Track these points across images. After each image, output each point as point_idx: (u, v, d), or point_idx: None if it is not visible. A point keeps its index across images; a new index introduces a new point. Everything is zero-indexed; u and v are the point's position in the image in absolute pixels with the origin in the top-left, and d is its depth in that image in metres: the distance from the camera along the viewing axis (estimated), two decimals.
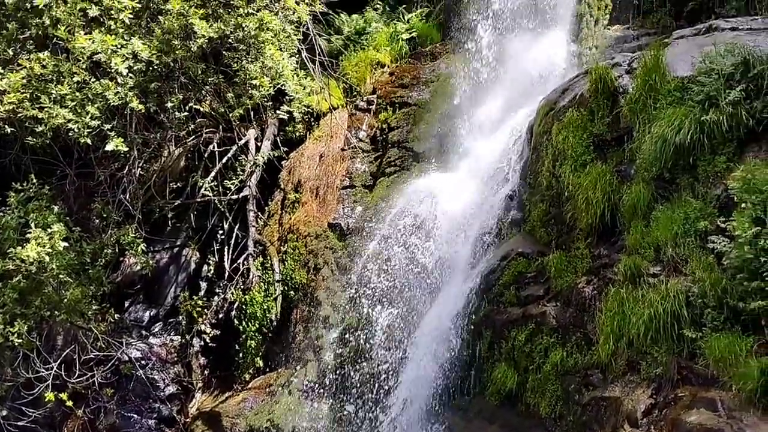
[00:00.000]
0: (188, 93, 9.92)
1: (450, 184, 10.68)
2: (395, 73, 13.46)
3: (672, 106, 6.69)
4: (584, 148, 7.70)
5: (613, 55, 9.03)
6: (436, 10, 14.35)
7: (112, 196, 10.29)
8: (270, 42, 9.36)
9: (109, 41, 7.60)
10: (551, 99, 8.67)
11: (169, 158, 11.52)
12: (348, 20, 14.45)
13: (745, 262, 5.34)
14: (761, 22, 7.16)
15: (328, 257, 11.11)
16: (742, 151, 6.13)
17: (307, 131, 13.03)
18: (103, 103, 8.06)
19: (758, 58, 6.20)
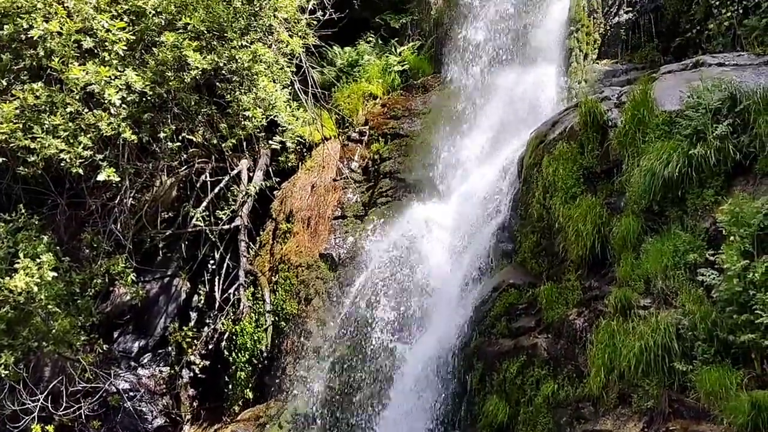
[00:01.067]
0: (181, 123, 9.96)
1: (441, 215, 10.72)
2: (387, 105, 13.58)
3: (660, 139, 6.75)
4: (574, 180, 7.74)
5: (603, 88, 9.13)
6: (427, 43, 14.54)
7: (102, 225, 10.26)
8: (263, 74, 9.46)
9: (103, 72, 7.64)
10: (541, 131, 8.74)
11: (161, 188, 11.51)
12: (341, 53, 14.60)
13: (734, 295, 5.36)
14: (747, 58, 7.27)
15: (319, 288, 11.08)
16: (729, 184, 6.19)
17: (299, 162, 13.08)
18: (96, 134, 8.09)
19: (744, 93, 6.29)
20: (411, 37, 14.89)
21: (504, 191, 9.56)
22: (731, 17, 8.50)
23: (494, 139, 11.35)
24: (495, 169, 10.24)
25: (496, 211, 9.68)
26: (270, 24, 9.62)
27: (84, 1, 7.60)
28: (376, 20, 15.23)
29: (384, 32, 15.10)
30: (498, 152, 10.77)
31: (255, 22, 9.49)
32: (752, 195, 5.81)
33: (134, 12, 8.36)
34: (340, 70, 14.40)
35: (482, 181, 10.48)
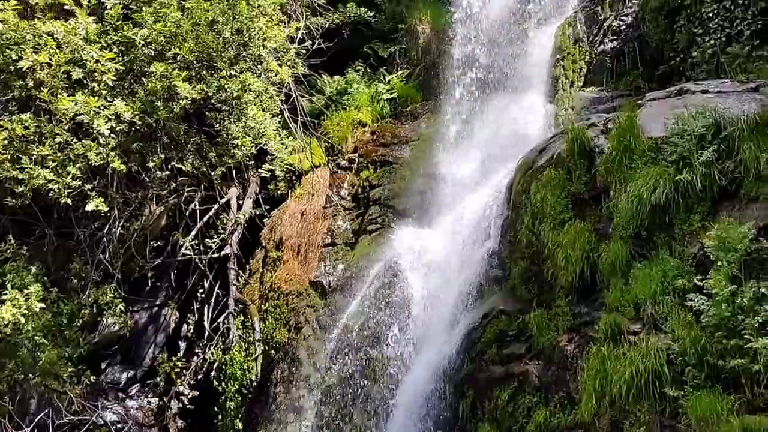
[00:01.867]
0: (170, 152, 9.97)
1: (431, 241, 10.72)
2: (376, 133, 13.66)
3: (647, 165, 6.81)
4: (562, 206, 7.78)
5: (589, 115, 9.24)
6: (416, 71, 14.68)
7: (91, 255, 10.20)
8: (252, 103, 9.52)
9: (92, 103, 7.66)
10: (529, 158, 8.80)
11: (150, 217, 11.48)
12: (330, 81, 14.72)
13: (723, 320, 5.38)
14: (730, 85, 7.36)
15: (309, 316, 11.03)
16: (716, 209, 6.24)
17: (289, 189, 13.08)
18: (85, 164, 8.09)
19: (728, 120, 6.37)
20: (399, 66, 15.04)
21: (493, 218, 9.59)
22: (714, 45, 8.64)
23: (483, 166, 11.41)
24: (484, 196, 10.27)
25: (485, 237, 9.69)
26: (259, 54, 9.69)
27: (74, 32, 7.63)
28: (365, 49, 15.39)
29: (373, 61, 15.26)
30: (487, 179, 10.81)
31: (244, 52, 9.56)
32: (738, 220, 5.85)
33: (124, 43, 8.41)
34: (329, 98, 14.50)
35: (471, 207, 10.50)
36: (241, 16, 9.18)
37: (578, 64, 11.09)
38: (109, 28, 8.27)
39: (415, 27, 15.00)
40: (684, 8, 9.16)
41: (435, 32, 14.75)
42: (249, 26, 9.34)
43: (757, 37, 8.22)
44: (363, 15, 15.06)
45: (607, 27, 10.93)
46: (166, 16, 8.51)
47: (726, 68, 8.38)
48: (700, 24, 8.87)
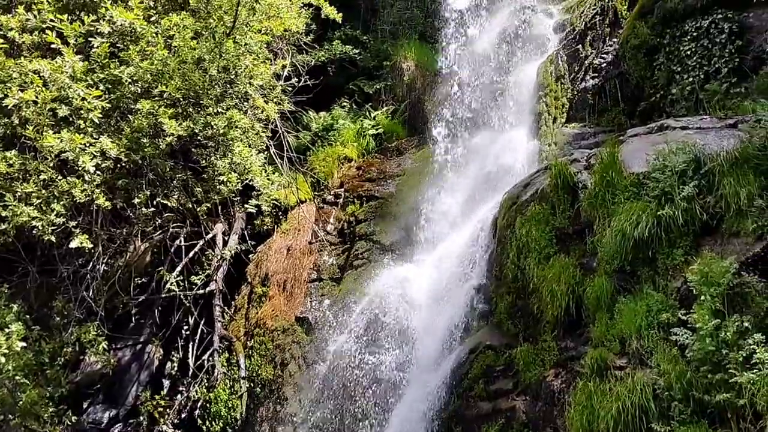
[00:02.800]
0: (156, 189, 9.95)
1: (417, 276, 10.74)
2: (362, 168, 13.75)
3: (629, 200, 6.89)
4: (547, 241, 7.83)
5: (572, 151, 9.34)
6: (401, 107, 14.85)
7: (74, 293, 10.08)
8: (238, 139, 9.54)
9: (78, 140, 7.64)
10: (514, 193, 8.88)
11: (135, 253, 11.41)
12: (316, 117, 14.85)
13: (707, 355, 5.40)
14: (710, 122, 7.49)
15: (295, 352, 10.94)
16: (698, 244, 6.30)
17: (275, 225, 13.08)
18: (69, 201, 8.03)
19: (708, 156, 6.47)
20: (385, 102, 15.21)
21: (479, 252, 9.63)
22: (693, 82, 8.81)
23: (468, 201, 11.50)
24: (469, 231, 10.33)
25: (471, 272, 9.72)
26: (246, 91, 9.75)
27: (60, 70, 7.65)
28: (351, 86, 15.59)
29: (358, 97, 15.43)
30: (472, 213, 10.89)
31: (231, 89, 9.62)
32: (720, 254, 5.92)
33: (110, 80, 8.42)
34: (315, 134, 14.61)
35: (457, 242, 10.55)
36: (228, 55, 9.26)
37: (560, 100, 11.26)
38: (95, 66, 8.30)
39: (400, 64, 15.22)
40: (663, 46, 9.35)
41: (420, 69, 14.97)
42: (235, 64, 9.42)
43: (735, 75, 8.41)
44: (349, 53, 15.30)
45: (588, 64, 11.13)
46: (153, 55, 8.56)
47: (705, 105, 8.53)
48: (678, 62, 9.06)
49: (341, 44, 15.39)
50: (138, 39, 8.66)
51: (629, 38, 9.95)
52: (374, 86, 15.42)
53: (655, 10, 9.54)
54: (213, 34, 9.42)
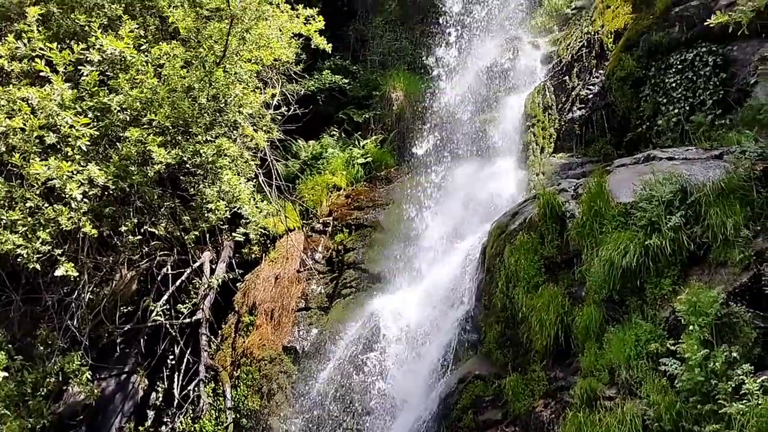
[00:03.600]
0: (143, 216, 9.89)
1: (406, 305, 10.68)
2: (351, 196, 13.76)
3: (617, 230, 6.91)
4: (536, 270, 7.83)
5: (560, 181, 9.39)
6: (390, 136, 14.93)
7: (58, 321, 9.96)
8: (227, 167, 9.52)
9: (65, 167, 7.60)
10: (502, 222, 8.89)
11: (121, 282, 11.31)
12: (305, 146, 14.90)
13: (696, 385, 5.38)
14: (695, 153, 7.57)
15: (282, 382, 10.82)
16: (686, 273, 6.31)
17: (263, 253, 13.04)
18: (55, 228, 7.95)
19: (695, 186, 6.52)
20: (374, 131, 15.30)
21: (467, 281, 9.61)
22: (678, 114, 8.91)
23: (457, 229, 11.52)
24: (458, 260, 10.32)
25: (460, 301, 9.70)
26: (235, 119, 9.77)
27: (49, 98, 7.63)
28: (340, 115, 15.69)
29: (347, 126, 15.52)
30: (461, 242, 10.89)
31: (220, 118, 9.64)
32: (708, 284, 5.93)
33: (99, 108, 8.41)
34: (304, 162, 14.65)
35: (446, 271, 10.53)
36: (218, 83, 9.29)
37: (548, 130, 11.36)
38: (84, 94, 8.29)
39: (389, 94, 15.34)
40: (648, 78, 9.47)
41: (408, 99, 15.09)
42: (225, 93, 9.44)
43: (719, 107, 8.51)
44: (338, 82, 15.41)
45: (575, 96, 11.25)
46: (143, 83, 8.57)
47: (690, 136, 8.62)
48: (664, 94, 9.17)
49: (331, 74, 15.51)
50: (128, 67, 8.67)
51: (615, 70, 10.07)
52: (363, 115, 15.53)
53: (641, 43, 9.68)
54: (203, 63, 9.46)
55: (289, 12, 10.79)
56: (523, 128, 11.73)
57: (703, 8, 8.78)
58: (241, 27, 9.85)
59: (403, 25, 17.09)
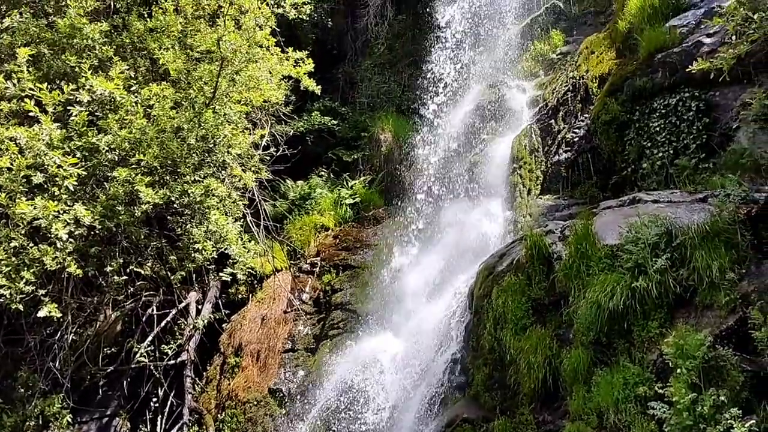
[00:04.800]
0: (129, 257, 9.83)
1: (393, 347, 10.62)
2: (339, 237, 13.76)
3: (604, 272, 6.93)
4: (524, 312, 7.82)
5: (546, 222, 9.44)
6: (378, 177, 15.01)
7: (40, 363, 9.80)
8: (215, 207, 9.52)
9: (51, 207, 7.55)
10: (490, 263, 8.90)
11: (105, 323, 11.16)
12: (293, 186, 14.94)
13: (685, 429, 5.34)
14: (680, 196, 7.64)
15: (267, 425, 10.66)
16: (672, 316, 6.32)
17: (249, 293, 12.96)
18: (40, 268, 7.87)
19: (680, 229, 6.57)
20: (362, 172, 15.39)
21: (455, 323, 9.56)
22: (663, 157, 9.02)
23: (445, 271, 11.50)
24: (446, 301, 10.29)
25: (448, 342, 9.63)
26: (224, 160, 9.81)
27: (37, 138, 7.62)
28: (329, 155, 15.79)
29: (336, 166, 15.62)
30: (449, 284, 10.87)
31: (209, 158, 9.67)
32: (695, 327, 5.93)
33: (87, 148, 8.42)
34: (292, 202, 14.68)
35: (433, 312, 10.49)
36: (207, 124, 9.35)
37: (535, 173, 11.45)
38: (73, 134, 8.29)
39: (378, 135, 15.48)
40: (633, 122, 9.61)
41: (397, 140, 15.23)
42: (214, 133, 9.49)
43: (703, 151, 8.62)
44: (327, 123, 15.55)
45: (561, 138, 11.38)
46: (132, 123, 8.61)
47: (675, 179, 8.71)
48: (648, 137, 9.30)
49: (320, 115, 15.66)
50: (117, 108, 8.71)
51: (600, 114, 10.21)
52: (352, 156, 15.64)
53: (625, 87, 9.85)
54: (193, 104, 9.53)
55: (279, 55, 10.92)
56: (510, 170, 11.83)
57: (686, 55, 8.96)
58: (231, 69, 9.96)
59: (391, 68, 17.35)
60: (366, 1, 17.68)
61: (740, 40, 6.82)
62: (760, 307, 5.58)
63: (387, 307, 11.66)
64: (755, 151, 7.92)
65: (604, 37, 11.86)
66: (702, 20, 9.11)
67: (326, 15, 17.14)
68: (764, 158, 7.60)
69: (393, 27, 17.76)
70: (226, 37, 9.51)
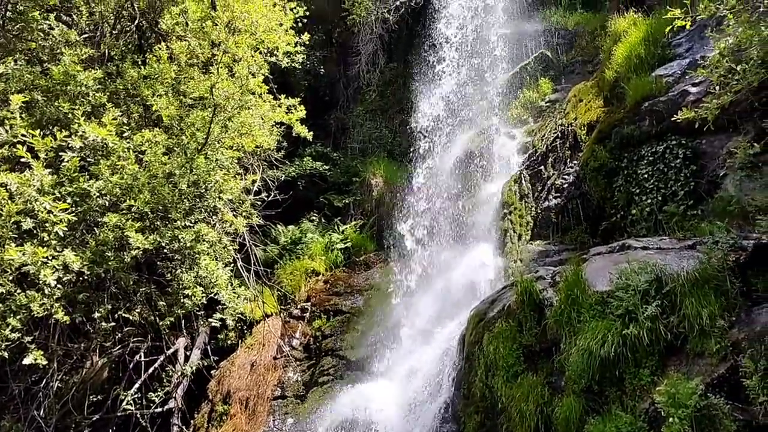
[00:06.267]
0: (118, 302, 9.74)
1: (384, 394, 10.48)
2: (330, 281, 13.71)
3: (595, 319, 6.92)
4: (515, 359, 7.76)
5: (537, 268, 9.44)
6: (370, 222, 15.04)
7: (24, 411, 9.61)
8: (205, 253, 9.49)
9: (41, 253, 7.51)
10: (481, 309, 8.87)
11: (92, 369, 10.99)
12: (284, 231, 14.94)
13: None
14: (669, 242, 7.68)
15: None
16: (664, 364, 6.29)
17: (239, 339, 12.83)
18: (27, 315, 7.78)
19: (670, 276, 6.59)
20: (354, 216, 15.44)
21: (447, 369, 9.48)
22: (651, 204, 9.09)
23: (436, 316, 11.45)
24: (437, 347, 10.22)
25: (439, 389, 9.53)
26: (215, 205, 9.81)
27: (28, 184, 7.62)
28: (320, 200, 15.86)
29: (327, 211, 15.66)
30: (440, 329, 10.82)
31: (200, 203, 9.67)
32: (686, 375, 5.91)
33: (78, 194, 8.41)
34: (283, 247, 14.66)
35: (424, 359, 10.41)
36: (199, 170, 9.39)
37: (525, 218, 11.50)
38: (64, 179, 8.29)
39: (369, 180, 15.57)
40: (621, 169, 9.71)
41: (388, 185, 15.32)
42: (206, 179, 9.53)
43: (691, 198, 8.71)
44: (319, 168, 15.66)
45: (550, 185, 11.47)
46: (123, 169, 8.63)
47: (664, 225, 8.77)
48: (637, 184, 9.39)
49: (312, 160, 15.79)
50: (109, 154, 8.74)
51: (589, 161, 10.32)
52: (343, 200, 15.70)
53: (613, 135, 9.98)
54: (185, 149, 9.58)
55: (272, 102, 11.05)
56: (501, 215, 11.89)
57: (672, 104, 9.11)
58: (224, 115, 10.05)
59: (383, 114, 17.58)
60: (358, 50, 18.00)
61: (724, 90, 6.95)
62: (751, 355, 5.57)
63: (377, 353, 11.56)
64: (742, 199, 7.99)
65: (592, 86, 12.07)
66: (687, 70, 9.30)
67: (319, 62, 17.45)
68: (751, 205, 7.67)
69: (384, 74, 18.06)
70: (220, 85, 9.63)
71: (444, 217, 13.15)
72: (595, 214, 10.41)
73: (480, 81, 15.47)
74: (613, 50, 11.20)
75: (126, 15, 11.22)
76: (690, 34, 10.08)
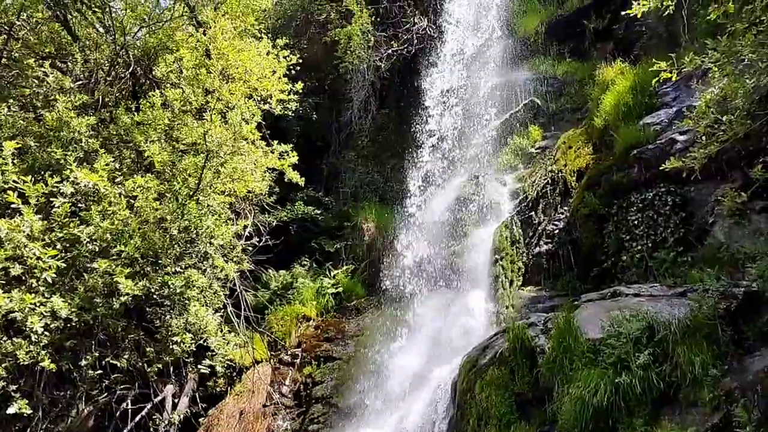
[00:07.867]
0: (106, 349, 9.62)
1: None
2: (320, 327, 13.62)
3: (587, 367, 6.86)
4: (507, 407, 7.67)
5: (529, 314, 9.41)
6: (361, 267, 15.01)
7: None
8: (195, 299, 9.43)
9: (28, 299, 7.45)
10: (473, 356, 8.79)
11: (78, 418, 10.75)
12: (275, 275, 14.88)
13: None
14: (660, 289, 7.68)
15: None
16: (657, 413, 6.22)
17: (228, 386, 12.64)
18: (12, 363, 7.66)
19: (661, 324, 6.56)
20: (345, 261, 15.40)
21: (438, 418, 9.35)
22: (642, 250, 9.13)
23: (428, 363, 11.33)
24: (429, 395, 10.09)
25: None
26: (206, 251, 9.78)
27: (18, 229, 7.60)
28: (312, 244, 15.83)
29: (319, 256, 15.63)
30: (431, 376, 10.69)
31: (190, 249, 9.65)
32: (680, 425, 5.84)
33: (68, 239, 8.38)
34: (274, 292, 14.58)
35: (416, 407, 10.26)
36: (190, 215, 9.39)
37: (516, 264, 11.51)
38: (55, 225, 8.28)
39: (361, 225, 15.60)
40: (611, 216, 9.77)
41: (380, 230, 15.35)
42: (197, 224, 9.52)
43: (681, 244, 8.75)
44: (311, 213, 15.68)
45: (541, 230, 11.52)
46: (115, 214, 8.63)
47: (654, 271, 8.79)
48: (627, 231, 9.44)
49: (303, 205, 15.81)
50: (101, 199, 8.75)
51: (579, 207, 10.39)
52: (335, 245, 15.69)
53: (602, 182, 10.07)
54: (177, 195, 9.59)
55: (264, 148, 11.12)
56: (492, 261, 11.89)
57: (660, 152, 9.22)
58: (216, 161, 10.10)
59: (375, 159, 17.70)
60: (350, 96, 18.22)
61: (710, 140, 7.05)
62: (744, 405, 5.53)
63: (369, 401, 11.40)
64: (732, 246, 8.04)
65: (581, 133, 12.22)
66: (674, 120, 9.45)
67: (311, 108, 17.62)
68: (741, 253, 7.71)
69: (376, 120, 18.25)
70: (213, 131, 9.70)
71: (435, 263, 13.14)
72: (585, 259, 10.43)
73: (471, 128, 15.66)
74: (601, 98, 11.39)
75: (121, 62, 11.36)
76: (676, 84, 10.27)
